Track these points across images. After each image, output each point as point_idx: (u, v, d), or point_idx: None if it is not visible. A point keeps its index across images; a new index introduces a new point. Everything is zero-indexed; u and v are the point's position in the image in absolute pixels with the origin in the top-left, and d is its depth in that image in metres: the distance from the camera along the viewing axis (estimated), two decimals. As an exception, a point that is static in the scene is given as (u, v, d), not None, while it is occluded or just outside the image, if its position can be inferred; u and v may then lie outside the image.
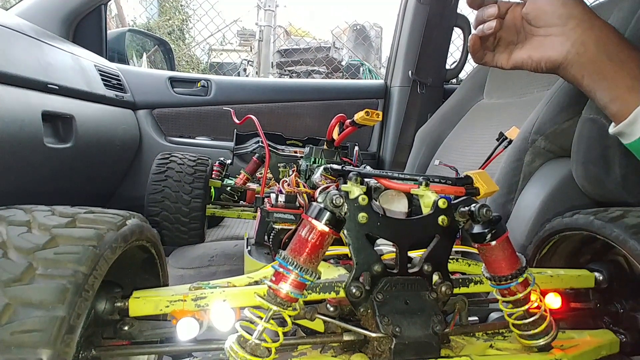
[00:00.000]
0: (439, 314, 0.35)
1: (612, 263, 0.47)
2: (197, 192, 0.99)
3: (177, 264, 0.90)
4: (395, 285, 0.35)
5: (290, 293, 0.32)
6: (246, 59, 4.46)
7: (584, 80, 0.47)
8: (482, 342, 0.40)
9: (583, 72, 0.46)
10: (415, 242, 0.37)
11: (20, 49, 0.92)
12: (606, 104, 0.47)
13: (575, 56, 0.46)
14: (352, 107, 1.55)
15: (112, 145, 1.25)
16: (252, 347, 0.31)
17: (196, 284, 0.35)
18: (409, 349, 0.32)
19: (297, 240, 0.33)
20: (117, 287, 0.36)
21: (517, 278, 0.36)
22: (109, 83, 1.29)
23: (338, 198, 0.33)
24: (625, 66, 0.45)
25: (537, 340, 0.37)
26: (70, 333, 0.23)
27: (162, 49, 2.15)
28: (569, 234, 0.47)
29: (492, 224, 0.35)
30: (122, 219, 0.32)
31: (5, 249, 0.25)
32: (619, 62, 0.45)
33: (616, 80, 0.45)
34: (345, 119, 0.64)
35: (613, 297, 0.46)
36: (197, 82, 1.54)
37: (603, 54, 0.45)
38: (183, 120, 1.51)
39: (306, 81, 1.86)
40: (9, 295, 0.23)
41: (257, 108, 1.52)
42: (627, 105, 0.45)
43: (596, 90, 0.47)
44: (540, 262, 0.51)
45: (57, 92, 0.99)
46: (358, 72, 4.00)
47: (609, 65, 0.45)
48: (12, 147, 0.82)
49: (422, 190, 0.39)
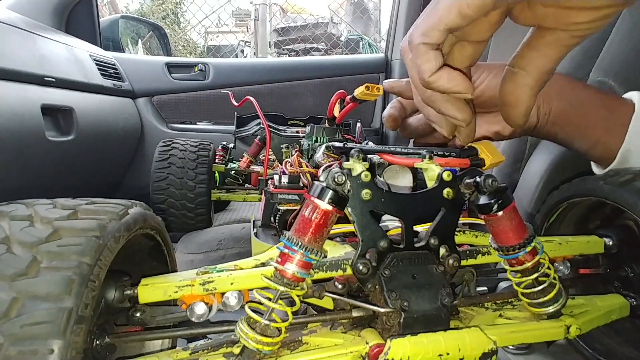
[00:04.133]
0: (447, 287, 0.34)
1: (622, 228, 0.47)
2: (201, 178, 0.99)
3: (186, 249, 0.92)
4: (402, 260, 0.35)
5: (296, 273, 0.32)
6: (243, 40, 4.39)
7: (558, 135, 0.45)
8: (491, 312, 0.40)
9: (555, 128, 0.45)
10: (421, 216, 0.37)
11: (13, 42, 0.91)
12: (587, 151, 0.45)
13: (544, 117, 0.44)
14: (353, 83, 1.52)
15: (114, 135, 1.25)
16: (262, 327, 0.31)
17: (203, 269, 0.36)
18: (417, 322, 0.33)
19: (301, 221, 0.33)
20: (125, 276, 0.36)
21: (525, 247, 0.35)
22: (106, 72, 1.28)
23: (340, 176, 0.33)
24: (591, 110, 0.44)
25: (547, 307, 0.37)
26: (79, 323, 0.23)
27: (157, 34, 2.12)
28: (577, 200, 0.46)
29: (498, 195, 0.34)
30: (124, 208, 0.32)
31: (9, 244, 0.25)
32: (583, 107, 0.44)
33: (589, 126, 0.44)
34: (346, 95, 0.63)
35: (623, 262, 0.46)
36: (195, 67, 1.52)
37: (566, 104, 0.43)
38: (183, 106, 1.50)
39: (304, 59, 1.82)
40: (15, 289, 0.23)
41: (257, 89, 1.50)
42: (609, 148, 0.43)
43: (573, 141, 0.45)
44: (548, 230, 0.50)
45: (54, 84, 0.98)
46: (358, 47, 3.93)
47: (576, 113, 0.44)
48: (14, 142, 0.82)
49: (426, 163, 0.38)
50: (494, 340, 0.33)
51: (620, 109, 0.45)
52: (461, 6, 0.28)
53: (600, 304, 0.41)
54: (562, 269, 0.44)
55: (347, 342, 0.33)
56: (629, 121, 0.43)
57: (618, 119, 0.44)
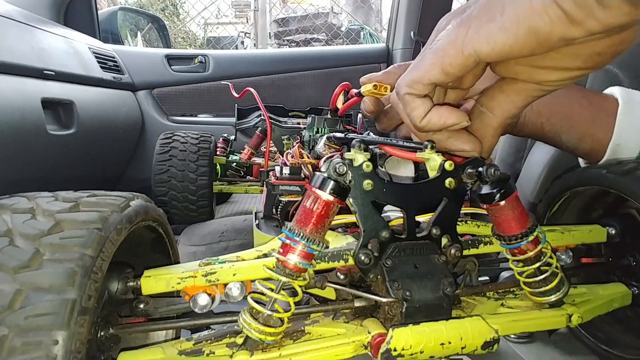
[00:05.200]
0: (448, 276, 0.34)
1: (624, 217, 0.47)
2: (203, 170, 0.99)
3: (188, 241, 0.92)
4: (404, 250, 0.35)
5: (298, 264, 0.32)
6: (243, 31, 4.35)
7: (544, 127, 0.45)
8: (493, 302, 0.40)
9: (541, 119, 0.44)
10: (423, 206, 0.36)
11: (11, 35, 0.91)
12: (575, 145, 0.45)
13: (528, 107, 0.44)
14: (354, 73, 1.51)
15: (115, 128, 1.25)
16: (264, 318, 0.31)
17: (205, 260, 0.36)
18: (419, 312, 0.33)
19: (302, 211, 0.32)
20: (128, 268, 0.36)
21: (527, 237, 0.35)
22: (105, 65, 1.27)
23: (341, 166, 0.32)
24: (575, 101, 0.43)
25: (549, 296, 0.37)
26: (83, 314, 0.24)
27: (156, 26, 2.10)
28: (580, 189, 0.46)
29: (500, 184, 0.34)
30: (126, 201, 0.32)
31: (12, 237, 0.25)
32: (566, 98, 0.44)
33: (574, 117, 0.44)
34: (350, 88, 0.63)
35: (626, 251, 0.46)
36: (195, 58, 1.51)
37: (550, 96, 0.44)
38: (184, 98, 1.50)
39: (305, 50, 1.81)
40: (19, 281, 0.23)
41: (257, 81, 1.49)
42: (597, 140, 0.43)
43: (560, 134, 0.45)
44: (550, 220, 0.50)
45: (54, 78, 0.98)
46: (359, 37, 3.89)
47: (561, 103, 0.43)
48: (15, 136, 0.82)
49: (428, 153, 0.38)
50: (496, 329, 0.33)
51: (603, 103, 0.45)
52: (444, 65, 0.29)
53: (603, 292, 0.41)
54: (565, 258, 0.44)
55: (349, 331, 0.33)
56: (615, 112, 0.44)
57: (603, 110, 0.44)
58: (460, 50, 0.28)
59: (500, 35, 0.26)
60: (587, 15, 0.23)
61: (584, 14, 0.23)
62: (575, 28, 0.24)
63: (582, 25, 0.24)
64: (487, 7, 0.27)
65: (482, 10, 0.27)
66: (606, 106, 0.44)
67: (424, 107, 0.32)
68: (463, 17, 0.28)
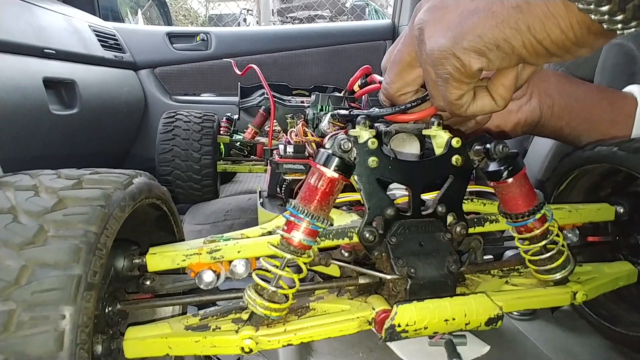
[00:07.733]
0: (453, 254, 0.34)
1: (633, 195, 0.46)
2: (206, 149, 0.98)
3: (193, 220, 0.93)
4: (409, 227, 0.35)
5: (302, 241, 0.32)
6: (245, 8, 4.25)
7: (564, 130, 0.46)
8: (497, 279, 0.40)
9: (561, 123, 0.45)
10: (429, 184, 0.36)
11: (10, 13, 0.89)
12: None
13: (548, 109, 0.44)
14: (359, 51, 1.48)
15: (118, 108, 1.24)
16: (269, 294, 0.31)
17: (210, 237, 0.36)
18: (424, 289, 0.33)
19: (307, 188, 0.32)
20: (134, 245, 0.37)
21: (534, 215, 0.35)
22: (106, 43, 1.25)
23: (346, 142, 0.32)
24: (594, 102, 0.44)
25: (554, 274, 0.37)
26: (89, 290, 0.24)
27: (156, 3, 2.06)
28: (589, 167, 0.45)
29: (508, 161, 0.33)
30: (129, 178, 0.31)
31: (15, 214, 0.25)
32: (586, 100, 0.44)
33: (594, 119, 0.44)
34: (370, 71, 0.60)
35: (633, 229, 0.45)
36: (196, 36, 1.48)
37: (570, 98, 0.44)
38: (186, 77, 1.48)
39: (308, 27, 1.76)
40: (24, 257, 0.23)
41: (260, 59, 1.46)
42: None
43: (580, 136, 0.46)
44: (558, 198, 0.49)
45: (55, 56, 0.97)
46: (364, 14, 3.79)
47: (581, 106, 0.44)
48: (18, 116, 0.82)
49: (435, 130, 0.37)
50: (500, 306, 0.33)
51: (621, 101, 0.45)
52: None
53: (608, 270, 0.41)
54: (571, 237, 0.43)
55: (353, 308, 0.33)
56: (634, 112, 0.44)
57: (622, 110, 0.45)
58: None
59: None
60: (565, 52, 0.27)
61: (562, 52, 0.27)
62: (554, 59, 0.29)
63: (560, 57, 0.28)
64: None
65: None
66: (626, 107, 0.45)
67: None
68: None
